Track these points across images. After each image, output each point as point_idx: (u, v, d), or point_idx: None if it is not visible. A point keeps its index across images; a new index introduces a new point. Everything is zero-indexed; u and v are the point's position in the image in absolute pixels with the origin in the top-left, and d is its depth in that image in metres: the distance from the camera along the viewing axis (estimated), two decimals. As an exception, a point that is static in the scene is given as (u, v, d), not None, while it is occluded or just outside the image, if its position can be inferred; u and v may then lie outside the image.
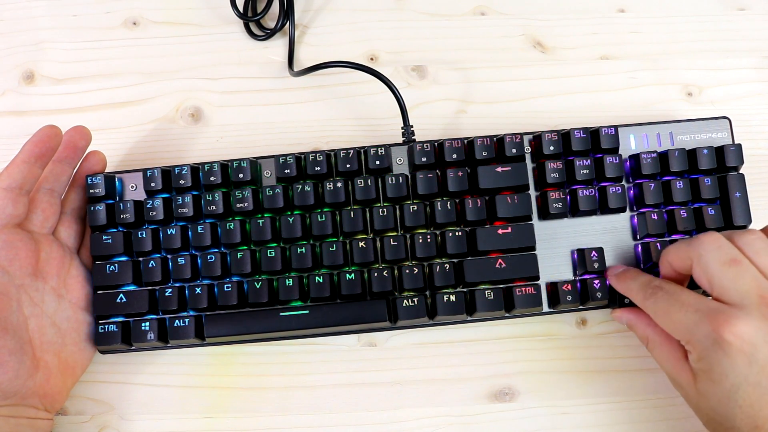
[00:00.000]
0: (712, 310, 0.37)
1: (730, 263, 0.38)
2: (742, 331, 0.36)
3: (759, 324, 0.36)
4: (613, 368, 0.49)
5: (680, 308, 0.39)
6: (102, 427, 0.48)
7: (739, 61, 0.55)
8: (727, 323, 0.36)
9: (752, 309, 0.37)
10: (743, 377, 0.36)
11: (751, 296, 0.37)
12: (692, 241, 0.41)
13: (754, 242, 0.39)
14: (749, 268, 0.38)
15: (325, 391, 0.49)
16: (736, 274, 0.38)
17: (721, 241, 0.39)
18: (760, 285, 0.37)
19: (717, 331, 0.37)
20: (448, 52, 0.55)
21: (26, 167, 0.44)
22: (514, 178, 0.47)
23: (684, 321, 0.39)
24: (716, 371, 0.37)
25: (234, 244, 0.47)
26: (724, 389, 0.37)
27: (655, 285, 0.42)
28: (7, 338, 0.41)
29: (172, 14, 0.56)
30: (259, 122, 0.53)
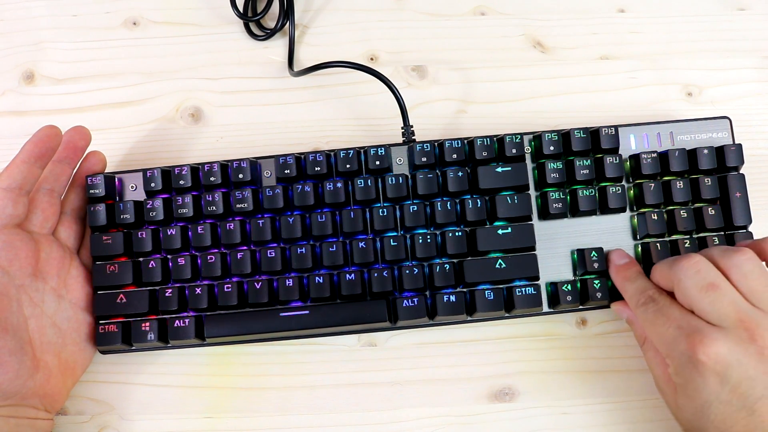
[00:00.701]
0: (692, 329, 0.38)
1: (707, 288, 0.39)
2: (716, 351, 0.37)
3: (732, 346, 0.37)
4: (613, 368, 0.49)
5: (664, 322, 0.40)
6: (102, 427, 0.48)
7: (739, 61, 0.55)
8: (701, 344, 0.38)
9: (729, 331, 0.38)
10: (715, 395, 0.38)
11: (730, 319, 0.38)
12: (674, 263, 0.41)
13: (741, 264, 0.39)
14: (728, 292, 0.39)
15: (325, 391, 0.49)
16: (713, 300, 0.39)
17: (700, 264, 0.40)
18: (739, 309, 0.38)
19: (691, 350, 0.38)
20: (448, 52, 0.55)
21: (26, 167, 0.44)
22: (514, 178, 0.47)
23: (665, 335, 0.40)
24: (690, 387, 0.39)
25: (234, 244, 0.47)
26: (697, 405, 0.39)
27: (649, 295, 0.42)
28: (7, 338, 0.41)
29: (172, 14, 0.56)
30: (259, 122, 0.53)
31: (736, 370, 0.37)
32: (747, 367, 0.37)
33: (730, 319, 0.38)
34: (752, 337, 0.37)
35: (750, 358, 0.37)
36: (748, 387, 0.37)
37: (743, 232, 0.47)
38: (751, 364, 0.37)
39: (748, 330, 0.37)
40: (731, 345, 0.37)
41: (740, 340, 0.37)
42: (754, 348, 0.37)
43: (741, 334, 0.37)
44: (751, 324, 0.37)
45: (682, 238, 0.47)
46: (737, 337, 0.37)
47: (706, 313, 0.39)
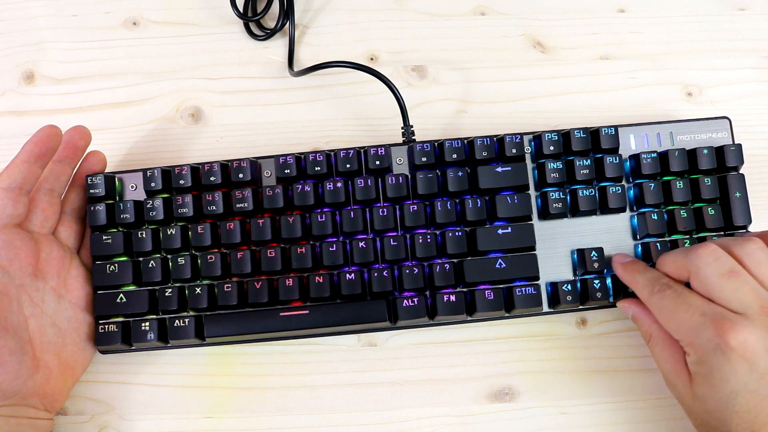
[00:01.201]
0: (718, 315, 0.38)
1: (729, 275, 0.39)
2: (746, 338, 0.37)
3: (761, 333, 0.37)
4: (613, 368, 0.49)
5: (687, 309, 0.39)
6: (102, 427, 0.48)
7: (739, 61, 0.55)
8: (732, 330, 0.37)
9: (755, 318, 0.37)
10: (743, 384, 0.37)
11: (753, 306, 0.38)
12: (689, 252, 0.41)
13: (753, 252, 0.39)
14: (748, 279, 0.38)
15: (325, 391, 0.49)
16: (735, 286, 0.38)
17: (718, 252, 0.40)
18: (760, 295, 0.38)
19: (721, 336, 0.37)
20: (448, 52, 0.55)
21: (26, 167, 0.44)
22: (514, 178, 0.47)
23: (689, 322, 0.39)
24: (716, 376, 0.38)
25: (234, 244, 0.47)
26: (722, 394, 0.38)
27: (664, 282, 0.42)
28: (7, 338, 0.41)
29: (172, 14, 0.56)
30: (259, 122, 0.53)
31: (764, 358, 0.37)
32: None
33: (753, 306, 0.38)
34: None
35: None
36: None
37: (743, 232, 0.47)
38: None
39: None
40: (759, 332, 0.37)
41: (766, 328, 0.37)
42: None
43: (765, 321, 0.37)
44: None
45: (682, 238, 0.47)
46: (763, 325, 0.37)
47: (728, 300, 0.38)
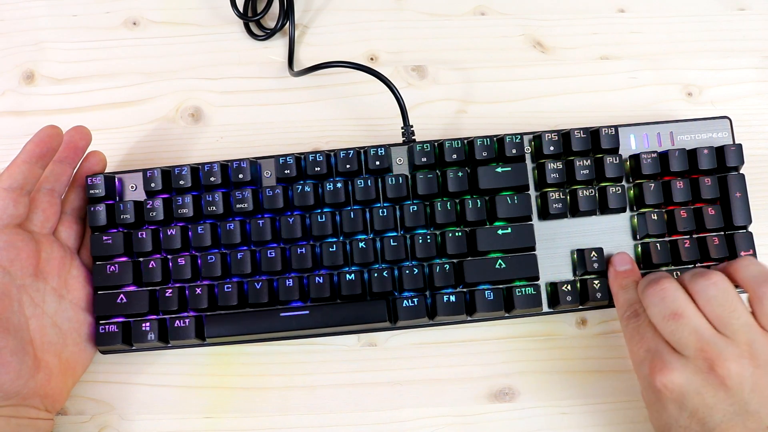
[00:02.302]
0: (656, 354, 0.40)
1: (670, 317, 0.39)
2: (671, 380, 0.38)
3: (690, 376, 0.38)
4: (613, 368, 0.49)
5: (638, 341, 0.41)
6: (102, 427, 0.48)
7: (739, 61, 0.55)
8: (660, 372, 0.39)
9: (689, 360, 0.38)
10: (674, 420, 0.39)
11: (690, 348, 0.39)
12: (645, 287, 0.42)
13: (705, 289, 0.40)
14: (690, 322, 0.39)
15: (325, 391, 0.49)
16: (674, 329, 0.39)
17: (666, 292, 0.40)
18: (701, 337, 0.38)
19: (652, 376, 0.39)
20: (448, 52, 0.55)
21: (27, 167, 0.44)
22: (514, 178, 0.47)
23: (636, 355, 0.41)
24: (653, 408, 0.41)
25: (234, 244, 0.47)
26: (660, 425, 0.41)
27: (634, 309, 0.43)
28: (8, 339, 0.41)
29: (172, 14, 0.56)
30: (259, 122, 0.53)
31: (694, 399, 0.38)
32: (705, 396, 0.38)
33: (690, 348, 0.38)
34: (711, 366, 0.38)
35: (708, 387, 0.38)
36: (706, 414, 0.38)
37: (743, 232, 0.47)
38: (710, 393, 0.38)
39: (708, 360, 0.38)
40: (689, 375, 0.38)
41: (699, 370, 0.38)
42: (713, 377, 0.37)
43: (700, 363, 0.38)
44: (712, 353, 0.38)
45: (682, 238, 0.47)
46: (696, 367, 0.38)
47: (669, 340, 0.40)
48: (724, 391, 0.37)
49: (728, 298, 0.39)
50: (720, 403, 0.37)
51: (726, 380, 0.37)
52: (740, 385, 0.37)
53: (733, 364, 0.37)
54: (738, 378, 0.37)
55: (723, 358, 0.37)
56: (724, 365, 0.37)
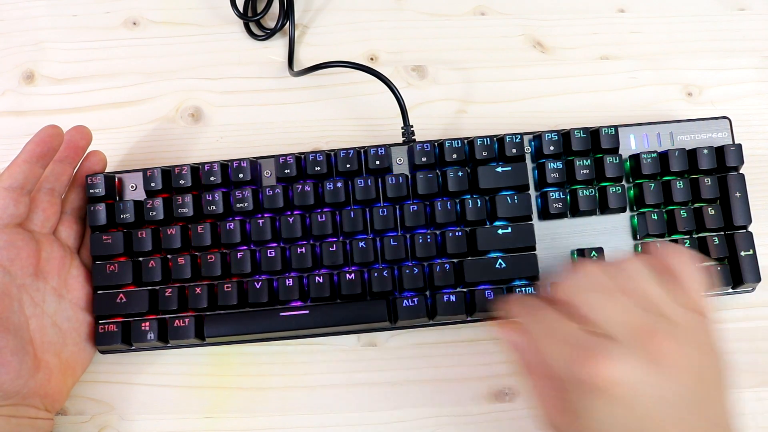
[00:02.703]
0: (581, 344, 0.32)
1: (598, 289, 0.34)
2: (617, 375, 0.30)
3: (634, 361, 0.31)
4: (613, 368, 0.49)
5: (553, 339, 0.34)
6: (102, 427, 0.48)
7: (739, 61, 0.55)
8: (602, 367, 0.31)
9: (626, 344, 0.31)
10: (616, 425, 0.31)
11: (626, 331, 0.32)
12: (566, 272, 0.36)
13: (626, 268, 0.35)
14: (619, 298, 0.33)
15: (325, 391, 0.49)
16: (606, 305, 0.33)
17: (588, 268, 0.35)
18: (635, 317, 0.32)
19: (588, 372, 0.31)
20: (448, 52, 0.55)
21: (28, 167, 0.44)
22: (514, 178, 0.47)
23: (555, 355, 0.33)
24: (587, 419, 0.31)
25: (234, 244, 0.47)
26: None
27: (539, 307, 0.36)
28: (9, 338, 0.41)
29: (172, 14, 0.56)
30: (259, 122, 0.53)
31: (644, 392, 0.30)
32: (650, 390, 0.30)
33: (627, 330, 0.32)
34: (652, 345, 0.31)
35: (652, 378, 0.31)
36: (651, 411, 0.30)
37: (743, 232, 0.47)
38: (655, 385, 0.31)
39: (650, 342, 0.31)
40: (633, 360, 0.31)
41: (639, 353, 0.31)
42: (657, 361, 0.31)
43: (639, 344, 0.31)
44: (653, 335, 0.31)
45: (682, 238, 0.47)
46: (636, 350, 0.31)
47: (599, 323, 0.32)
48: (665, 376, 0.31)
49: (651, 276, 0.34)
50: (664, 398, 0.31)
51: (663, 360, 0.31)
52: (679, 370, 0.31)
53: (670, 344, 0.31)
54: (676, 359, 0.31)
55: (663, 340, 0.31)
56: (665, 346, 0.31)
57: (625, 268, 0.35)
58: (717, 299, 0.49)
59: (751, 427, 0.48)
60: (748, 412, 0.48)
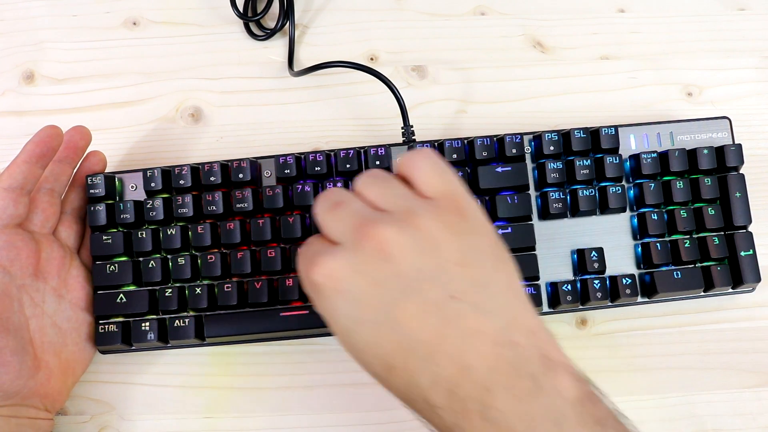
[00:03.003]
0: (312, 255, 0.33)
1: (330, 210, 0.34)
2: (328, 266, 0.32)
3: (348, 255, 0.32)
4: (613, 368, 0.49)
5: (300, 255, 0.35)
6: (102, 427, 0.48)
7: (739, 61, 0.55)
8: (315, 266, 0.32)
9: (345, 244, 0.33)
10: (349, 317, 0.32)
11: (347, 233, 0.33)
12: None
13: (363, 179, 0.35)
14: (349, 206, 0.34)
15: (325, 391, 0.49)
16: (333, 218, 0.34)
17: (330, 191, 0.35)
18: (357, 217, 0.33)
19: (307, 277, 0.33)
20: (448, 52, 0.55)
21: (27, 167, 0.44)
22: (514, 178, 0.47)
23: (299, 269, 0.35)
24: (327, 319, 0.34)
25: (234, 244, 0.46)
26: (343, 338, 0.34)
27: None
28: (9, 339, 0.41)
29: (172, 14, 0.56)
30: (259, 122, 0.53)
31: (359, 281, 0.32)
32: (370, 273, 0.32)
33: (347, 233, 0.33)
34: (366, 238, 0.32)
35: (370, 261, 0.32)
36: (378, 294, 0.31)
37: (743, 232, 0.47)
38: (374, 268, 0.32)
39: (363, 233, 0.32)
40: (346, 255, 0.32)
41: (355, 248, 0.32)
42: (372, 248, 0.32)
43: (356, 240, 0.32)
44: (367, 226, 0.32)
45: (682, 238, 0.47)
46: (352, 246, 0.32)
47: (331, 236, 0.34)
48: (388, 261, 0.32)
49: (384, 178, 0.35)
50: (390, 278, 0.31)
51: (386, 248, 0.31)
52: (405, 252, 0.32)
53: (390, 230, 0.32)
54: (399, 244, 0.32)
55: (378, 227, 0.32)
56: (380, 232, 0.32)
57: (360, 179, 0.35)
58: (717, 299, 0.49)
59: (752, 427, 0.48)
60: (748, 412, 0.48)
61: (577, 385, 0.32)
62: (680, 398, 0.48)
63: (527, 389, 0.31)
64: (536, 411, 0.30)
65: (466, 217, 0.34)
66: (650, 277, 0.47)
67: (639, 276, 0.47)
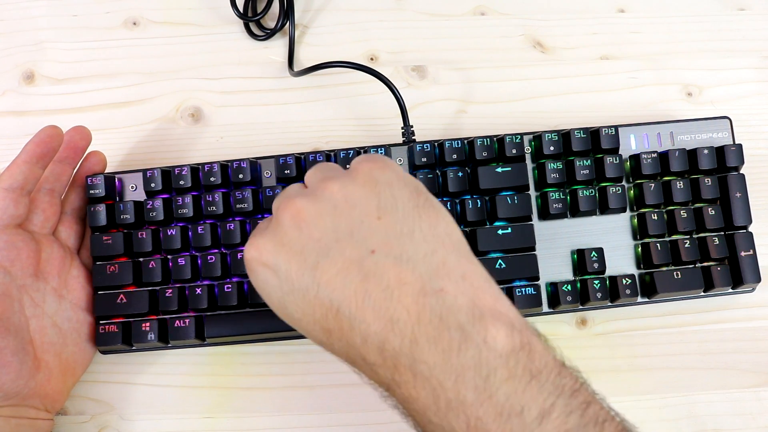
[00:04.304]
0: (250, 238, 0.35)
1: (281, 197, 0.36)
2: (254, 246, 0.34)
3: (270, 234, 0.34)
4: (613, 368, 0.49)
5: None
6: (102, 427, 0.48)
7: (739, 61, 0.55)
8: (248, 245, 0.35)
9: (271, 222, 0.35)
10: (281, 291, 0.33)
11: (273, 213, 0.35)
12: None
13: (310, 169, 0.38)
14: (286, 191, 0.36)
15: (325, 391, 0.49)
16: (277, 206, 0.36)
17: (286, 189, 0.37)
18: (282, 197, 0.35)
19: (244, 256, 0.35)
20: (448, 52, 0.55)
21: (28, 168, 0.44)
22: (514, 178, 0.47)
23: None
24: (265, 299, 0.35)
25: (234, 244, 0.46)
26: (282, 314, 0.35)
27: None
28: (9, 339, 0.41)
29: (172, 14, 0.56)
30: (259, 122, 0.53)
31: (280, 255, 0.33)
32: (288, 245, 0.33)
33: (274, 211, 0.35)
34: (281, 212, 0.34)
35: (286, 234, 0.33)
36: (300, 262, 0.33)
37: (743, 232, 0.47)
38: (291, 239, 0.33)
39: (282, 209, 0.34)
40: (269, 234, 0.34)
41: (275, 225, 0.34)
42: (287, 222, 0.33)
43: (276, 217, 0.34)
44: (285, 202, 0.34)
45: (682, 238, 0.47)
46: (273, 225, 0.34)
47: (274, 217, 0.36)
48: (303, 228, 0.33)
49: (324, 165, 0.37)
50: (307, 244, 0.33)
51: (300, 216, 0.33)
52: (318, 216, 0.33)
53: (302, 200, 0.34)
54: (311, 211, 0.33)
55: (292, 200, 0.34)
56: (294, 204, 0.34)
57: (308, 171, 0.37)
58: (717, 299, 0.49)
59: (752, 427, 0.48)
60: (748, 412, 0.48)
61: (511, 335, 0.30)
62: (680, 398, 0.48)
63: (454, 341, 0.30)
64: (464, 364, 0.29)
65: (383, 173, 0.34)
66: (650, 277, 0.47)
67: (639, 276, 0.47)
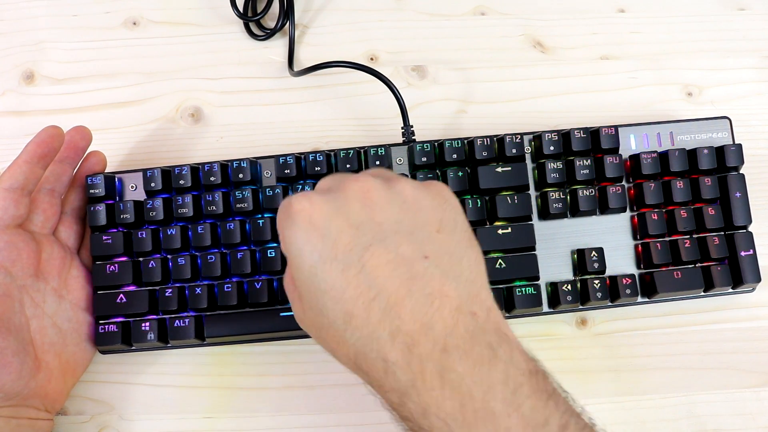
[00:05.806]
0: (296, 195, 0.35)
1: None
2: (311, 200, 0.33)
3: (332, 196, 0.34)
4: (613, 368, 0.49)
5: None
6: (102, 427, 0.48)
7: (739, 61, 0.55)
8: (300, 197, 0.33)
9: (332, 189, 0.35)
10: (319, 256, 0.32)
11: (335, 184, 0.35)
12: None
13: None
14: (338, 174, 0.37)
15: (325, 391, 0.49)
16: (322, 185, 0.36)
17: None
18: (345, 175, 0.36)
19: (289, 208, 0.33)
20: (448, 52, 0.55)
21: (28, 168, 0.44)
22: (514, 178, 0.47)
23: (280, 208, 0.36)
24: (295, 260, 0.34)
25: (234, 244, 0.47)
26: (306, 280, 0.33)
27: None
28: (10, 339, 0.41)
29: (172, 14, 0.56)
30: (259, 122, 0.53)
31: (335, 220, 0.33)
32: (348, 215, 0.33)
33: (336, 183, 0.35)
34: (353, 182, 0.34)
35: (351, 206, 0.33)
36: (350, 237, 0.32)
37: (743, 232, 0.47)
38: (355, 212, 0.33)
39: (353, 179, 0.34)
40: (331, 197, 0.34)
41: (341, 189, 0.34)
42: (355, 192, 0.33)
43: (342, 186, 0.34)
44: (356, 176, 0.35)
45: (682, 238, 0.47)
46: (338, 190, 0.34)
47: (320, 188, 0.36)
48: (369, 207, 0.33)
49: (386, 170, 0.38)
50: (367, 223, 0.33)
51: (369, 195, 0.33)
52: (387, 203, 0.33)
53: (376, 181, 0.34)
54: (383, 196, 0.33)
55: (365, 177, 0.34)
56: (367, 180, 0.34)
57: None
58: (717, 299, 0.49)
59: (752, 427, 0.48)
60: (748, 412, 0.48)
61: (528, 360, 0.33)
62: (680, 398, 0.48)
63: (485, 356, 0.31)
64: (493, 377, 0.31)
65: (453, 198, 0.36)
66: (650, 277, 0.47)
67: (639, 276, 0.47)
